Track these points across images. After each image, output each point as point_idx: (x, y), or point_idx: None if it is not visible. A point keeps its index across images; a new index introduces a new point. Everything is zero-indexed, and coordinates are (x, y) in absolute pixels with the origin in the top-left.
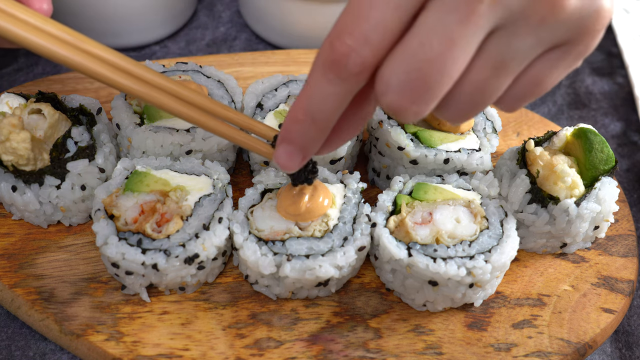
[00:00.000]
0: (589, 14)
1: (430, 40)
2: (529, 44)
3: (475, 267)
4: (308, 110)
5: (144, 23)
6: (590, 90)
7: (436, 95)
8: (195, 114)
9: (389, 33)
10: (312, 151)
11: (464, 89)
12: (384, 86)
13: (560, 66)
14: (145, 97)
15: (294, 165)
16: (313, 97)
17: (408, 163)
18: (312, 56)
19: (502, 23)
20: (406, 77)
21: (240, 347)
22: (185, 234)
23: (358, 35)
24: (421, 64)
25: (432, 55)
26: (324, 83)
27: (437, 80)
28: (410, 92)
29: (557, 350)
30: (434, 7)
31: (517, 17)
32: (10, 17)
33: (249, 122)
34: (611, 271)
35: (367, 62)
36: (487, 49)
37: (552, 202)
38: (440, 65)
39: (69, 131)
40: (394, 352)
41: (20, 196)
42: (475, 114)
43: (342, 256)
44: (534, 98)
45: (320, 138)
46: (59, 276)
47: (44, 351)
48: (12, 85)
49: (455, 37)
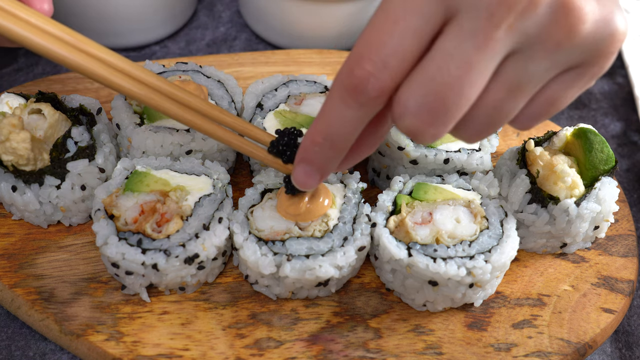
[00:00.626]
0: (603, 37)
1: (447, 65)
2: (545, 67)
3: (475, 267)
4: (327, 133)
5: (144, 23)
6: (590, 90)
7: (453, 117)
8: (192, 117)
9: (407, 58)
10: (330, 171)
11: (480, 110)
12: (402, 109)
13: (574, 87)
14: (142, 98)
15: (312, 184)
16: (332, 120)
17: (408, 163)
18: (312, 56)
19: (519, 47)
20: (424, 101)
21: (240, 347)
22: (185, 234)
23: (377, 60)
24: (439, 87)
25: (450, 80)
26: (343, 107)
27: (454, 103)
28: (428, 115)
29: (557, 350)
30: (451, 32)
31: (533, 41)
32: (11, 16)
33: (246, 126)
34: (611, 271)
35: (386, 87)
36: (504, 72)
37: (552, 202)
38: (458, 89)
39: (69, 131)
40: (394, 352)
41: (20, 196)
42: (490, 134)
43: (342, 256)
44: (549, 117)
45: (338, 159)
46: (59, 276)
47: (44, 351)
48: (12, 85)
49: (473, 62)
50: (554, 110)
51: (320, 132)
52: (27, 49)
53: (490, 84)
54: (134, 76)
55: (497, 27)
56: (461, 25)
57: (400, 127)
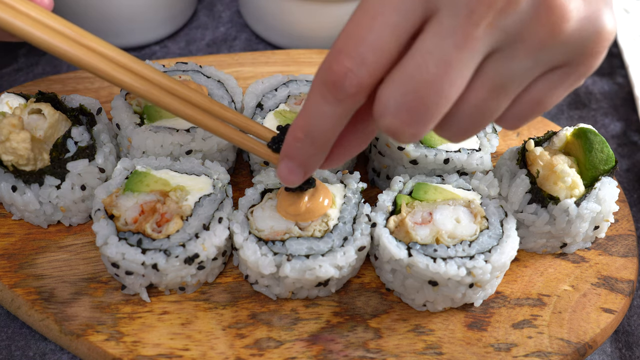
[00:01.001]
0: (589, 35)
1: (426, 64)
2: (527, 66)
3: (475, 267)
4: (307, 130)
5: (144, 23)
6: (590, 90)
7: (433, 117)
8: (193, 112)
9: (386, 54)
10: (314, 167)
11: (462, 110)
12: (382, 108)
13: (561, 86)
14: (143, 93)
15: (296, 180)
16: (311, 116)
17: (408, 163)
18: (312, 56)
19: (499, 46)
20: (403, 100)
21: (240, 347)
22: (185, 234)
23: (355, 56)
24: (418, 86)
25: (429, 78)
26: (322, 103)
27: (434, 102)
28: (407, 114)
29: (557, 350)
30: (431, 30)
31: (514, 39)
32: (12, 10)
33: (247, 122)
34: (611, 271)
35: (364, 83)
36: (485, 71)
37: (552, 202)
38: (437, 88)
39: (69, 131)
40: (394, 352)
41: (20, 196)
42: (475, 133)
43: (342, 256)
44: (535, 117)
45: (320, 155)
46: (59, 276)
47: (44, 351)
48: (12, 85)
49: (452, 61)
50: (540, 110)
51: (301, 128)
52: (27, 49)
53: (472, 83)
54: (134, 71)
55: (476, 25)
56: (441, 23)
57: (380, 126)
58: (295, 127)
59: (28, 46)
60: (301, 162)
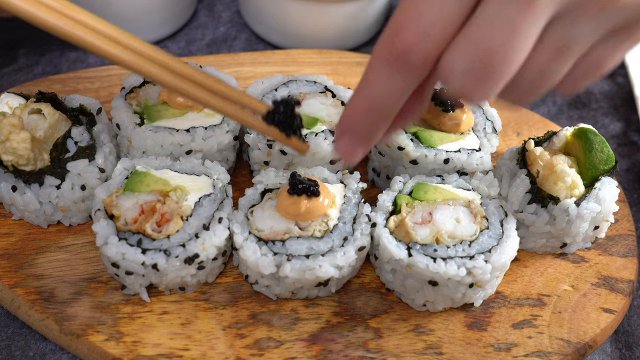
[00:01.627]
0: None
1: (491, 30)
2: (590, 30)
3: (475, 267)
4: (372, 103)
5: (144, 23)
6: (590, 90)
7: (500, 81)
8: (187, 86)
9: (449, 25)
10: (375, 140)
11: (526, 73)
12: (449, 73)
13: (621, 48)
14: (134, 67)
15: (358, 155)
16: (377, 91)
17: (408, 163)
18: (312, 56)
19: (562, 11)
20: (470, 66)
21: (240, 347)
22: (185, 234)
23: (418, 29)
24: (484, 52)
25: (495, 45)
26: (387, 77)
27: (500, 69)
28: (475, 79)
29: (557, 350)
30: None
31: (576, 5)
32: None
33: (242, 96)
34: (611, 271)
35: (430, 55)
36: (549, 35)
37: (552, 202)
38: (503, 54)
39: (69, 131)
40: (394, 352)
41: (20, 196)
42: (538, 96)
43: (342, 256)
44: (595, 79)
45: (384, 127)
46: (59, 276)
47: (44, 351)
48: (12, 85)
49: (517, 27)
50: (600, 72)
51: (365, 102)
52: (27, 49)
53: (536, 48)
54: (125, 44)
55: None
56: None
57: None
58: (357, 103)
59: (28, 46)
60: (364, 136)
